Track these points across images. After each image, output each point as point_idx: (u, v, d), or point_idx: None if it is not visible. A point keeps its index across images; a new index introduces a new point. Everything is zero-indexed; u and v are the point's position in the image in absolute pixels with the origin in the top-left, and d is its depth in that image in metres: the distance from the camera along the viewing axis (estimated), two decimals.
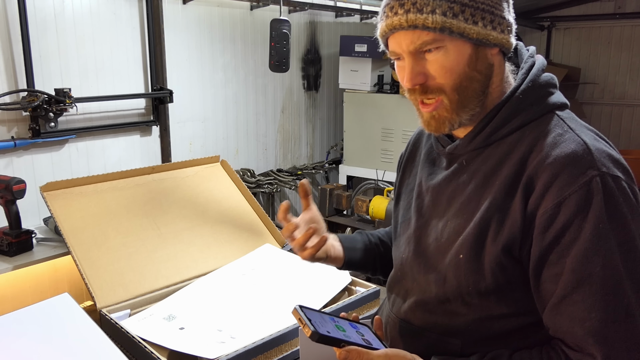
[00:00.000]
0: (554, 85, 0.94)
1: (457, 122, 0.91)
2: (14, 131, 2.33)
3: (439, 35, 0.85)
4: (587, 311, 0.79)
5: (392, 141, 3.52)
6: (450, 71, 0.87)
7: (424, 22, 0.84)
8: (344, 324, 0.95)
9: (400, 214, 1.10)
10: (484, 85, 0.90)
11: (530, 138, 0.88)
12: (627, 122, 4.96)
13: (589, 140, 0.84)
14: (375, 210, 3.12)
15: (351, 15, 3.98)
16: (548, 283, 0.83)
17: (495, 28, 0.88)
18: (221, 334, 1.47)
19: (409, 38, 0.87)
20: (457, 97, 0.89)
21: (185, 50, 2.97)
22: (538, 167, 0.84)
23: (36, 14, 2.33)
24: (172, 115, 2.93)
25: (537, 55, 0.97)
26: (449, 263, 0.92)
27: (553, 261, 0.81)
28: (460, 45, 0.87)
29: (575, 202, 0.79)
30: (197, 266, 1.83)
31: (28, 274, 1.98)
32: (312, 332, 0.85)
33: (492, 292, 0.88)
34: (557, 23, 5.15)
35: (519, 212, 0.84)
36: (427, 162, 1.06)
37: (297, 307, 0.91)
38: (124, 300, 1.63)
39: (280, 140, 3.72)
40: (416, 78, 0.89)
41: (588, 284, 0.78)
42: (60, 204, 1.79)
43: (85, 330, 1.28)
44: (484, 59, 0.89)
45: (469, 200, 0.92)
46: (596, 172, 0.80)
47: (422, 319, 0.98)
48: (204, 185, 2.15)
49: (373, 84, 3.56)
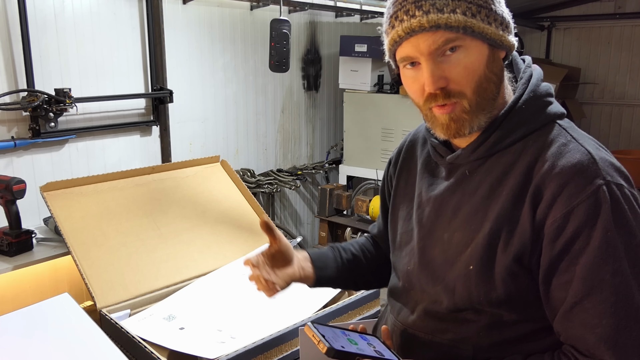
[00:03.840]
0: (552, 95, 0.95)
1: (476, 124, 0.90)
2: (14, 131, 2.33)
3: (461, 34, 0.84)
4: (598, 318, 0.80)
5: (392, 141, 3.52)
6: (472, 72, 0.87)
7: (446, 21, 0.83)
8: (355, 337, 0.96)
9: (400, 224, 1.09)
10: (498, 88, 0.91)
11: (534, 148, 0.88)
12: (627, 122, 4.96)
13: (593, 149, 0.85)
14: (375, 210, 3.12)
15: (351, 15, 3.98)
16: (558, 291, 0.84)
17: (504, 30, 0.88)
18: (221, 334, 1.47)
19: (430, 39, 0.85)
20: (477, 99, 0.88)
21: (185, 50, 2.97)
22: (545, 177, 0.84)
23: (36, 14, 2.33)
24: (172, 115, 2.93)
25: (534, 66, 0.97)
26: (458, 274, 0.92)
27: (563, 269, 0.83)
28: (479, 46, 0.87)
29: (584, 211, 0.80)
30: (197, 266, 1.83)
31: (28, 274, 1.98)
32: (328, 349, 0.86)
33: (504, 301, 0.89)
34: (557, 23, 5.14)
35: (528, 221, 0.85)
36: (425, 172, 1.05)
37: (309, 323, 0.92)
38: (124, 300, 1.63)
39: (280, 140, 3.72)
40: (438, 82, 0.87)
41: (599, 291, 0.80)
42: (60, 204, 1.79)
43: (85, 330, 1.28)
44: (498, 60, 0.90)
45: (476, 211, 0.91)
46: (602, 181, 0.81)
47: (432, 327, 0.98)
48: (204, 185, 2.15)
49: (373, 84, 3.56)
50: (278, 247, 1.09)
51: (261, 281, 1.05)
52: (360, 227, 3.24)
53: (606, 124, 5.04)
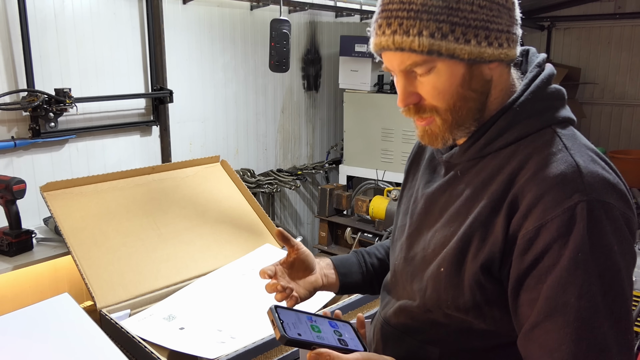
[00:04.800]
0: (560, 98, 0.89)
1: (450, 139, 0.89)
2: (14, 131, 2.33)
3: (428, 57, 0.82)
4: (557, 342, 0.75)
5: (392, 141, 3.52)
6: (442, 92, 0.84)
7: (410, 45, 0.81)
8: (322, 323, 0.93)
9: (399, 218, 1.09)
10: (480, 102, 0.87)
11: (523, 154, 0.84)
12: (627, 122, 4.96)
13: (583, 162, 0.79)
14: (375, 210, 3.12)
15: (351, 15, 3.98)
16: (525, 307, 0.79)
17: (492, 44, 0.83)
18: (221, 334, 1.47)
19: (398, 58, 0.84)
20: (450, 117, 0.86)
21: (185, 50, 2.97)
22: (524, 186, 0.80)
23: (36, 14, 2.33)
24: (172, 115, 2.93)
25: (547, 65, 0.91)
26: (430, 275, 0.91)
27: (530, 286, 0.78)
28: (452, 66, 0.83)
29: (556, 227, 0.75)
30: (197, 266, 1.83)
31: (28, 274, 1.98)
32: (281, 336, 0.84)
33: (471, 309, 0.86)
34: (557, 23, 5.14)
35: (501, 230, 0.81)
36: (428, 168, 1.05)
37: (272, 307, 0.89)
38: (124, 300, 1.63)
39: (280, 140, 3.72)
40: (409, 98, 0.86)
41: (561, 314, 0.74)
42: (60, 204, 1.79)
43: (85, 330, 1.28)
44: (479, 76, 0.85)
45: (458, 213, 0.89)
46: (583, 197, 0.75)
47: (405, 325, 0.98)
48: (204, 185, 2.15)
49: (373, 84, 3.56)
50: (297, 256, 1.07)
51: (279, 289, 1.01)
52: (360, 227, 3.24)
53: (606, 124, 5.04)
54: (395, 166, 3.55)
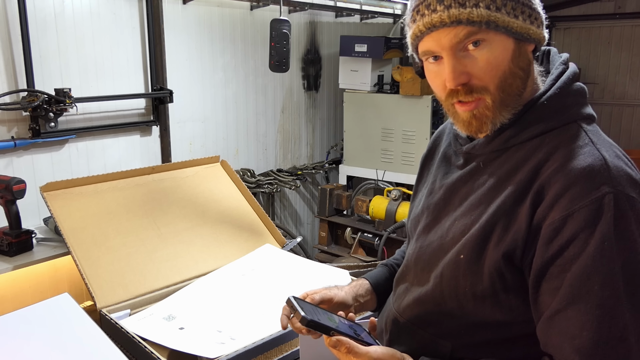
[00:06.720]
0: (584, 95, 0.91)
1: (499, 121, 0.88)
2: (14, 131, 2.33)
3: (484, 29, 0.82)
4: (579, 329, 0.76)
5: (392, 141, 3.52)
6: (496, 67, 0.84)
7: (468, 16, 0.81)
8: (338, 319, 0.94)
9: (414, 212, 1.10)
10: (524, 83, 0.88)
11: (549, 146, 0.85)
12: (627, 122, 4.96)
13: (609, 156, 0.81)
14: (375, 210, 3.12)
15: (351, 15, 3.98)
16: (546, 296, 0.81)
17: (533, 22, 0.85)
18: (221, 334, 1.47)
19: (452, 33, 0.83)
20: (500, 95, 0.85)
21: (185, 50, 2.97)
22: (551, 177, 0.81)
23: (36, 14, 2.33)
24: (172, 115, 2.93)
25: (571, 64, 0.93)
26: (448, 261, 0.91)
27: (554, 274, 0.79)
28: (504, 40, 0.84)
29: (583, 217, 0.77)
30: (197, 266, 1.83)
31: (28, 274, 1.98)
32: (302, 317, 0.85)
33: (488, 297, 0.87)
34: (557, 23, 5.14)
35: (525, 220, 0.82)
36: (443, 160, 1.05)
37: (290, 297, 0.91)
38: (124, 300, 1.63)
39: (280, 140, 3.72)
40: (460, 77, 0.85)
41: (584, 301, 0.76)
42: (60, 204, 1.79)
43: (85, 330, 1.28)
44: (525, 54, 0.86)
45: (479, 202, 0.90)
46: (611, 189, 0.77)
47: (417, 317, 0.98)
48: (204, 185, 2.15)
49: (373, 84, 3.56)
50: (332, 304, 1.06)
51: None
52: (360, 227, 3.24)
53: (606, 124, 5.04)
54: (395, 166, 3.55)
